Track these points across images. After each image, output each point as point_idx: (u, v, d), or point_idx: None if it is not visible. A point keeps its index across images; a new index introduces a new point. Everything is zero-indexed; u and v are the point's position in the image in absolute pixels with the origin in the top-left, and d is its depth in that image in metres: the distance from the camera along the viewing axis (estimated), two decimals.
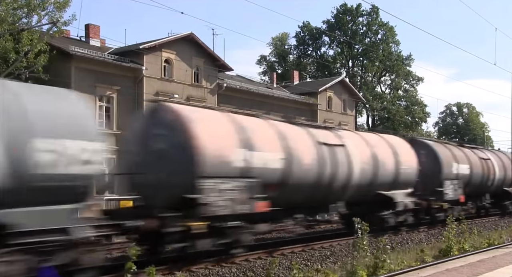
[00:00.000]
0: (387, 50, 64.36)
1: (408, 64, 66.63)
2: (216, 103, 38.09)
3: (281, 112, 42.95)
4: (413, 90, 68.39)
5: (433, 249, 15.17)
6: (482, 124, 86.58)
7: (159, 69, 34.90)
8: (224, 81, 39.60)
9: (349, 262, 11.93)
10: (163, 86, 35.09)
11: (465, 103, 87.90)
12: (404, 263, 12.40)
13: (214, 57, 38.35)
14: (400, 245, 15.91)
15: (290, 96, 46.60)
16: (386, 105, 63.90)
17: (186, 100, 36.01)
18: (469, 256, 13.68)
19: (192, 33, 36.41)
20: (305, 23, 66.18)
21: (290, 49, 69.83)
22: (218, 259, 11.96)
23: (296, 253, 13.65)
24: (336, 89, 51.24)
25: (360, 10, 63.66)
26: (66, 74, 29.74)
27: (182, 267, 11.13)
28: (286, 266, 11.94)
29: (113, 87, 31.96)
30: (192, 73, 37.09)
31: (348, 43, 62.72)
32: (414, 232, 18.60)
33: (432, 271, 11.23)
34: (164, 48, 35.15)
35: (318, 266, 12.32)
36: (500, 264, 12.16)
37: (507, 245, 16.06)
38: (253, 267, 11.83)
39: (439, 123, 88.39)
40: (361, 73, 65.88)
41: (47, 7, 27.55)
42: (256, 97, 42.12)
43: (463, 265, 12.00)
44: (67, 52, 30.00)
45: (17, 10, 27.10)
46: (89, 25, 36.13)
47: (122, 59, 33.30)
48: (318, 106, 48.46)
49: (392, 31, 64.11)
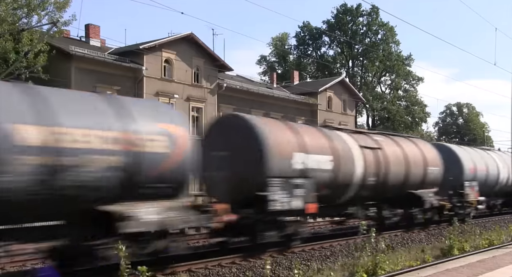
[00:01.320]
0: (387, 50, 64.38)
1: (408, 64, 66.68)
2: (216, 103, 38.14)
3: (281, 112, 42.95)
4: (413, 90, 68.46)
5: (434, 249, 15.17)
6: (482, 124, 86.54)
7: (159, 69, 34.92)
8: (224, 81, 39.61)
9: (349, 262, 11.94)
10: (163, 86, 35.10)
11: (465, 103, 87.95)
12: (404, 263, 12.39)
13: (214, 57, 38.37)
14: (400, 245, 15.93)
15: (290, 96, 46.61)
16: (386, 105, 63.92)
17: (186, 100, 36.08)
18: (469, 256, 13.67)
19: (192, 33, 36.44)
20: (305, 23, 66.32)
21: (290, 49, 69.93)
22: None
23: (296, 253, 13.65)
24: (336, 89, 51.25)
25: (360, 10, 63.70)
26: (66, 74, 29.78)
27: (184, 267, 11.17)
28: (286, 266, 11.94)
29: (113, 87, 31.93)
30: (192, 73, 37.11)
31: (348, 43, 62.73)
32: (414, 232, 18.68)
33: (432, 271, 11.23)
34: (164, 48, 35.17)
35: (318, 266, 12.32)
36: (500, 264, 12.16)
37: (507, 245, 16.05)
38: (253, 267, 11.84)
39: (439, 123, 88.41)
40: (361, 73, 65.90)
41: (47, 7, 27.61)
42: (256, 97, 42.13)
43: (463, 265, 12.00)
44: (67, 52, 30.02)
45: (17, 10, 27.13)
46: (89, 25, 36.16)
47: (122, 59, 33.31)
48: (318, 106, 48.47)
49: (392, 31, 64.12)
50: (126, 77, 33.30)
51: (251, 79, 49.56)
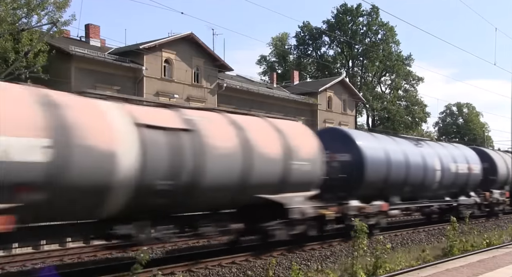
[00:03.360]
0: (387, 50, 64.39)
1: (408, 64, 66.74)
2: (216, 103, 38.11)
3: (281, 112, 42.81)
4: (413, 90, 68.49)
5: (434, 249, 15.16)
6: (482, 124, 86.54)
7: (159, 69, 34.91)
8: (224, 81, 39.61)
9: (349, 262, 11.92)
10: (163, 86, 35.10)
11: (465, 103, 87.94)
12: (404, 263, 12.38)
13: (214, 57, 38.36)
14: (400, 245, 15.93)
15: (290, 96, 46.60)
16: (386, 105, 63.92)
17: (186, 100, 36.06)
18: (469, 256, 13.66)
19: (192, 33, 36.43)
20: (305, 23, 66.33)
21: (290, 49, 69.94)
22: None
23: (296, 253, 13.64)
24: (336, 89, 51.24)
25: (360, 10, 63.71)
26: (66, 74, 29.78)
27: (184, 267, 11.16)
28: (286, 266, 11.93)
29: (113, 87, 31.92)
30: (192, 73, 37.11)
31: (348, 43, 62.73)
32: (414, 232, 18.68)
33: (432, 271, 11.22)
34: (164, 48, 35.16)
35: (318, 266, 12.32)
36: (500, 264, 12.15)
37: (507, 245, 16.05)
38: (253, 267, 11.83)
39: (439, 123, 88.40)
40: (361, 73, 65.90)
41: (46, 7, 27.59)
42: (256, 97, 42.12)
43: (463, 265, 11.99)
44: (67, 52, 30.01)
45: (17, 10, 27.11)
46: (89, 25, 36.15)
47: (122, 59, 33.31)
48: (318, 106, 48.47)
49: (392, 31, 64.13)
50: (126, 77, 33.30)
51: (251, 79, 49.56)
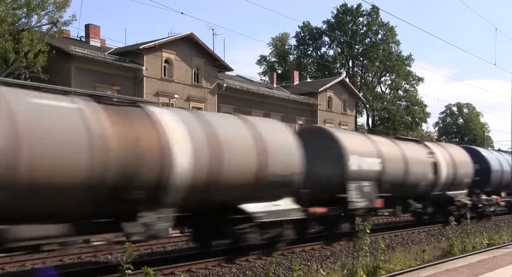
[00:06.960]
0: (387, 50, 64.40)
1: (408, 64, 66.71)
2: (216, 103, 38.14)
3: (281, 112, 42.97)
4: (413, 90, 68.47)
5: (434, 249, 15.16)
6: (482, 124, 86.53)
7: (159, 69, 34.91)
8: (224, 81, 39.61)
9: (349, 262, 11.92)
10: (163, 86, 35.10)
11: (465, 103, 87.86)
12: (404, 263, 12.38)
13: (214, 57, 38.37)
14: (400, 245, 15.92)
15: (290, 96, 46.59)
16: (386, 105, 63.93)
17: (186, 100, 36.07)
18: (469, 256, 13.65)
19: (192, 33, 36.44)
20: (305, 23, 66.34)
21: (290, 49, 69.95)
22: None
23: (296, 253, 13.63)
24: (336, 89, 51.25)
25: (360, 10, 63.75)
26: (66, 74, 29.78)
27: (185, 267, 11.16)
28: (286, 266, 11.92)
29: (113, 87, 31.96)
30: (192, 73, 37.11)
31: (348, 43, 62.75)
32: (414, 232, 18.66)
33: (432, 271, 11.21)
34: (164, 48, 35.17)
35: (318, 266, 12.31)
36: (500, 264, 12.14)
37: (507, 245, 16.04)
38: (253, 267, 11.81)
39: (439, 123, 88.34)
40: (361, 73, 65.92)
41: (47, 7, 27.57)
42: (256, 97, 42.13)
43: (463, 265, 11.98)
44: (67, 52, 30.02)
45: (17, 10, 27.11)
46: (89, 25, 36.16)
47: (122, 59, 33.31)
48: (318, 106, 48.47)
49: (392, 31, 64.15)
50: (126, 77, 33.30)
51: (251, 79, 49.57)
